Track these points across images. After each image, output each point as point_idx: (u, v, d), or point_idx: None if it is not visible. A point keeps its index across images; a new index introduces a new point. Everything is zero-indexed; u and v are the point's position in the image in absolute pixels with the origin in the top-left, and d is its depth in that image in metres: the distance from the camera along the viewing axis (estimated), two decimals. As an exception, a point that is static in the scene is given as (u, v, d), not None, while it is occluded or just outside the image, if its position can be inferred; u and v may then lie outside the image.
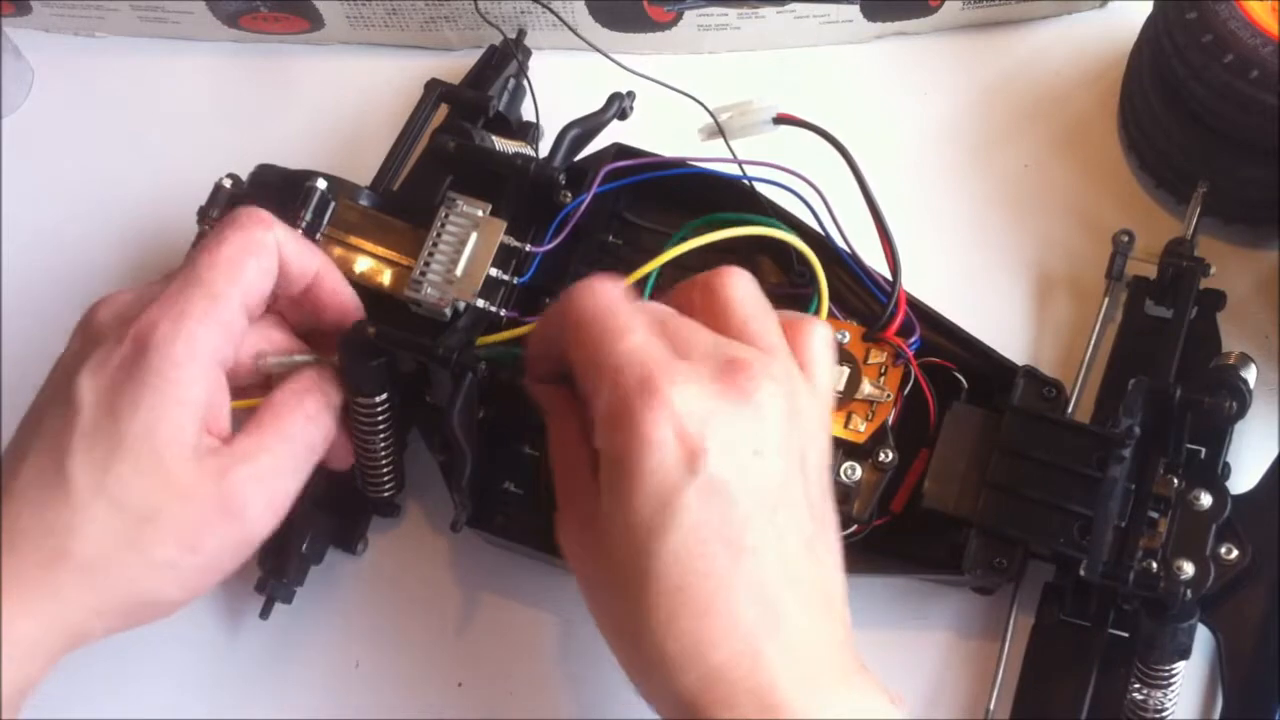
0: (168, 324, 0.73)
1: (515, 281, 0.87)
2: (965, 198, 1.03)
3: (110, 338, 0.74)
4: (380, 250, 0.87)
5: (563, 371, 0.76)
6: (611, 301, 0.72)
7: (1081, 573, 0.81)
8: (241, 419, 0.78)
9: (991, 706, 0.86)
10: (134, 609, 0.74)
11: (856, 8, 1.07)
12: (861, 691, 0.70)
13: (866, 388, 0.86)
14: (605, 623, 0.73)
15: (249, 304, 0.77)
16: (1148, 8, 0.98)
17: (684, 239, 0.84)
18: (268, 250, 0.78)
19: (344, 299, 0.83)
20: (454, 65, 1.05)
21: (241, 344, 0.78)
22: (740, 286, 0.75)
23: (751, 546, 0.68)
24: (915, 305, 0.89)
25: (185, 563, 0.74)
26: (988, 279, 0.99)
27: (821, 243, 0.89)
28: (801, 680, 0.67)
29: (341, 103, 1.10)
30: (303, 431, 0.79)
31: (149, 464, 0.72)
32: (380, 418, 0.84)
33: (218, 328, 0.75)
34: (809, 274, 0.87)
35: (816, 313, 0.87)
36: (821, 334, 0.76)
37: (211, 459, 0.74)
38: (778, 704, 0.66)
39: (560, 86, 1.02)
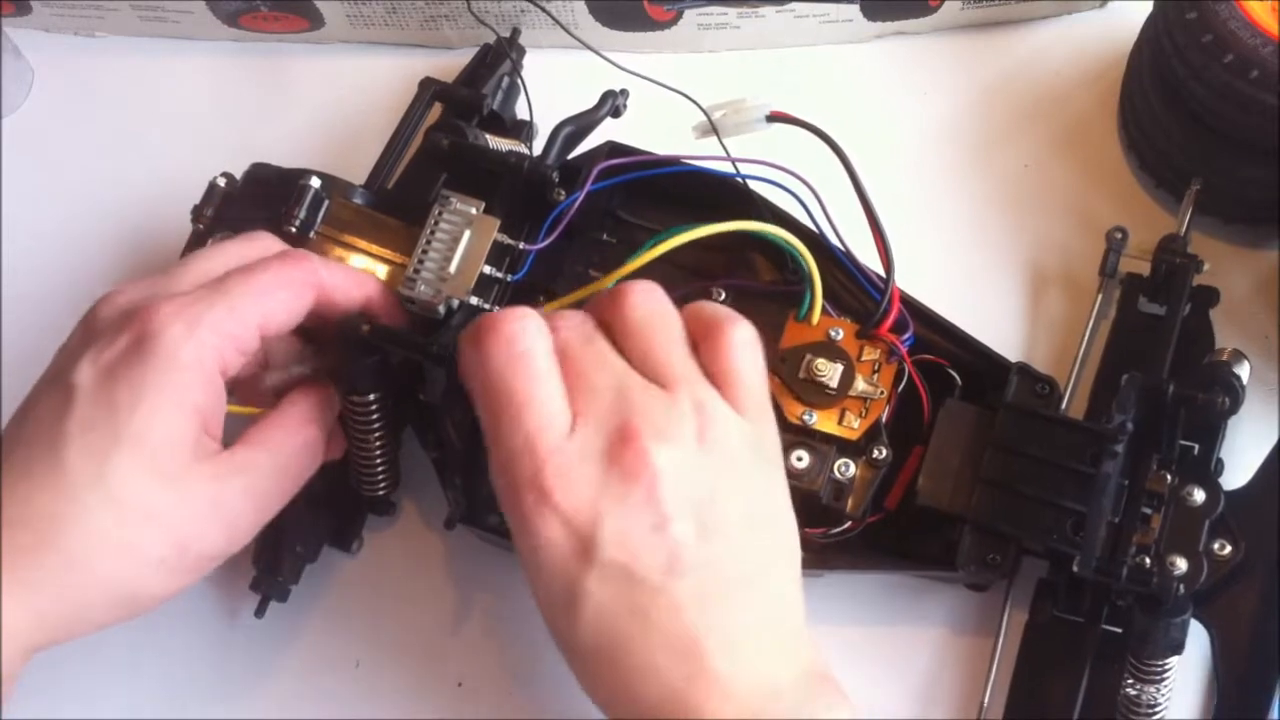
0: (181, 326, 0.73)
1: (509, 279, 0.87)
2: (964, 197, 1.03)
3: (111, 330, 0.74)
4: (374, 248, 0.87)
5: None
6: (513, 369, 0.73)
7: (1075, 568, 0.81)
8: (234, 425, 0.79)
9: (986, 703, 0.86)
10: (118, 605, 0.74)
11: (856, 7, 1.07)
12: (808, 703, 0.71)
13: (860, 385, 0.86)
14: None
15: (266, 329, 0.77)
16: (1148, 8, 0.98)
17: (660, 242, 0.84)
18: (301, 289, 0.78)
19: (395, 319, 0.84)
20: (454, 64, 1.05)
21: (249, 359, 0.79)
22: (638, 308, 0.75)
23: (662, 612, 0.69)
24: (909, 302, 0.89)
25: (174, 562, 0.74)
26: (986, 277, 1.00)
27: (815, 240, 0.89)
28: (733, 708, 0.69)
29: (341, 102, 1.11)
30: (298, 457, 0.80)
31: (149, 461, 0.72)
32: (375, 415, 0.85)
33: (229, 340, 0.75)
34: (801, 271, 0.87)
35: (810, 309, 0.87)
36: (739, 339, 0.76)
37: (209, 464, 0.74)
38: None
39: (555, 85, 1.01)
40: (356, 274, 0.83)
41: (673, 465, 0.71)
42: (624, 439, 0.70)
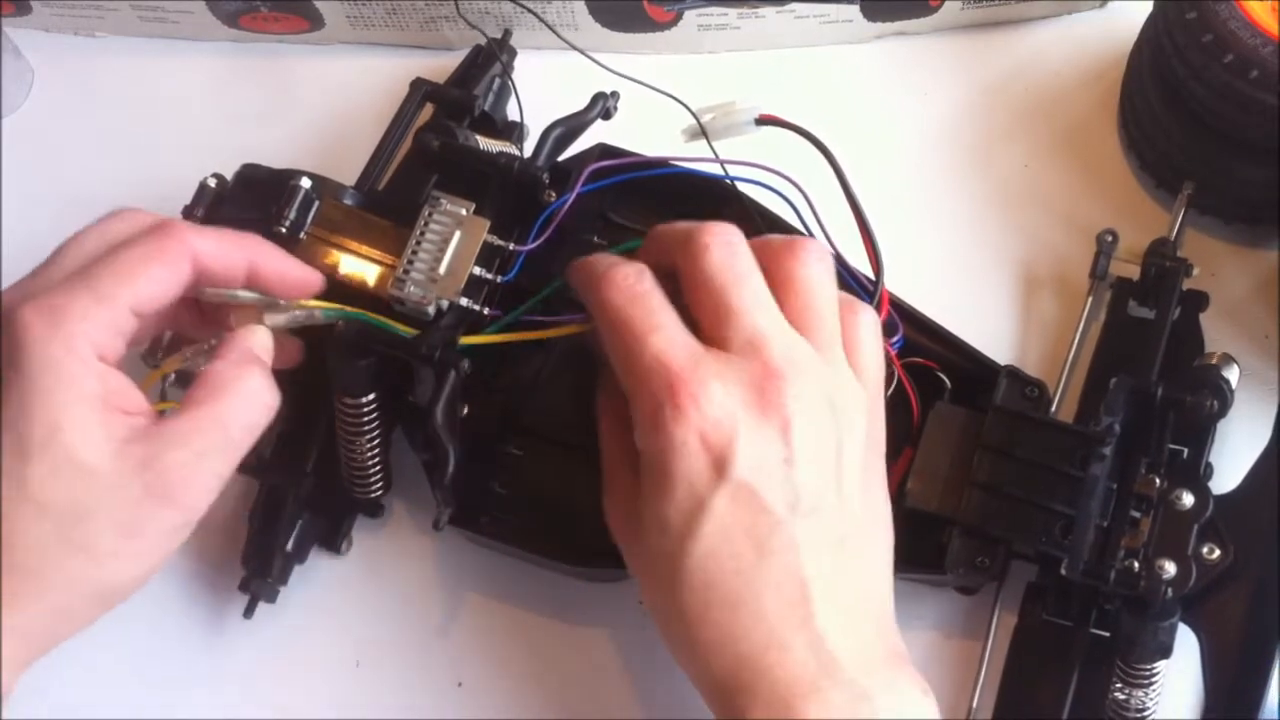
0: (44, 326, 0.71)
1: (499, 280, 0.87)
2: (964, 198, 1.03)
3: None
4: (364, 249, 0.87)
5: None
6: (635, 294, 0.74)
7: (1063, 571, 0.81)
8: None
9: (974, 706, 0.86)
10: (93, 601, 0.73)
11: (856, 8, 1.06)
12: (893, 686, 0.72)
13: (850, 387, 0.86)
14: (650, 605, 0.77)
15: (140, 308, 0.75)
16: (1148, 8, 0.98)
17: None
18: (171, 258, 0.76)
19: (292, 276, 0.82)
20: (453, 65, 1.05)
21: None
22: (813, 267, 0.77)
23: (778, 548, 0.70)
24: (898, 305, 0.89)
25: (128, 549, 0.72)
26: (981, 278, 1.00)
27: (804, 242, 0.89)
28: (828, 671, 0.69)
29: (341, 102, 1.11)
30: (241, 411, 0.76)
31: (65, 463, 0.70)
32: (368, 418, 0.85)
33: (100, 327, 0.73)
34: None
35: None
36: (869, 321, 0.79)
37: (138, 445, 0.72)
38: (803, 694, 0.69)
39: (546, 86, 1.01)
40: (236, 236, 0.80)
41: (807, 411, 0.72)
42: (767, 372, 0.72)
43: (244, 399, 0.76)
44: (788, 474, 0.71)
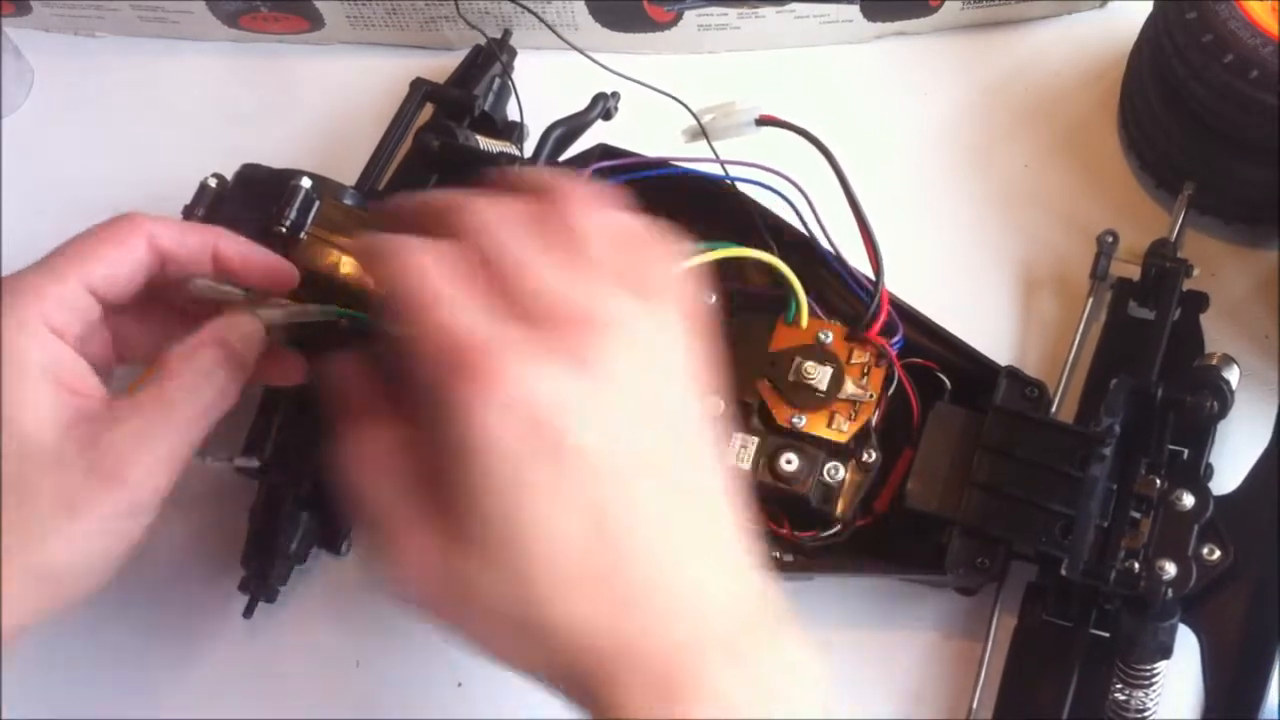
0: None
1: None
2: (964, 198, 1.03)
3: None
4: (364, 249, 0.87)
5: None
6: (426, 271, 0.66)
7: (1063, 572, 0.81)
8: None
9: (974, 706, 0.86)
10: (35, 583, 0.71)
11: (856, 8, 1.07)
12: (781, 644, 0.68)
13: (850, 388, 0.86)
14: (485, 625, 0.68)
15: (95, 286, 0.74)
16: (1148, 8, 0.98)
17: None
18: (127, 241, 0.75)
19: (257, 262, 0.80)
20: (453, 66, 1.05)
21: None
22: (587, 217, 0.69)
23: (624, 505, 0.64)
24: (898, 305, 0.89)
25: (70, 529, 0.70)
26: (982, 279, 1.00)
27: (804, 243, 0.89)
28: (709, 639, 0.65)
29: (341, 102, 1.11)
30: (190, 392, 0.74)
31: (15, 439, 0.69)
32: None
33: (54, 304, 0.72)
34: (780, 278, 0.87)
35: (795, 318, 0.87)
36: (661, 251, 0.71)
37: (85, 424, 0.71)
38: (684, 659, 0.64)
39: (546, 86, 1.01)
40: (195, 225, 0.80)
41: (619, 359, 0.65)
42: (571, 327, 0.64)
43: (194, 380, 0.74)
44: (616, 429, 0.65)
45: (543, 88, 1.02)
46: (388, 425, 0.69)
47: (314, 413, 0.86)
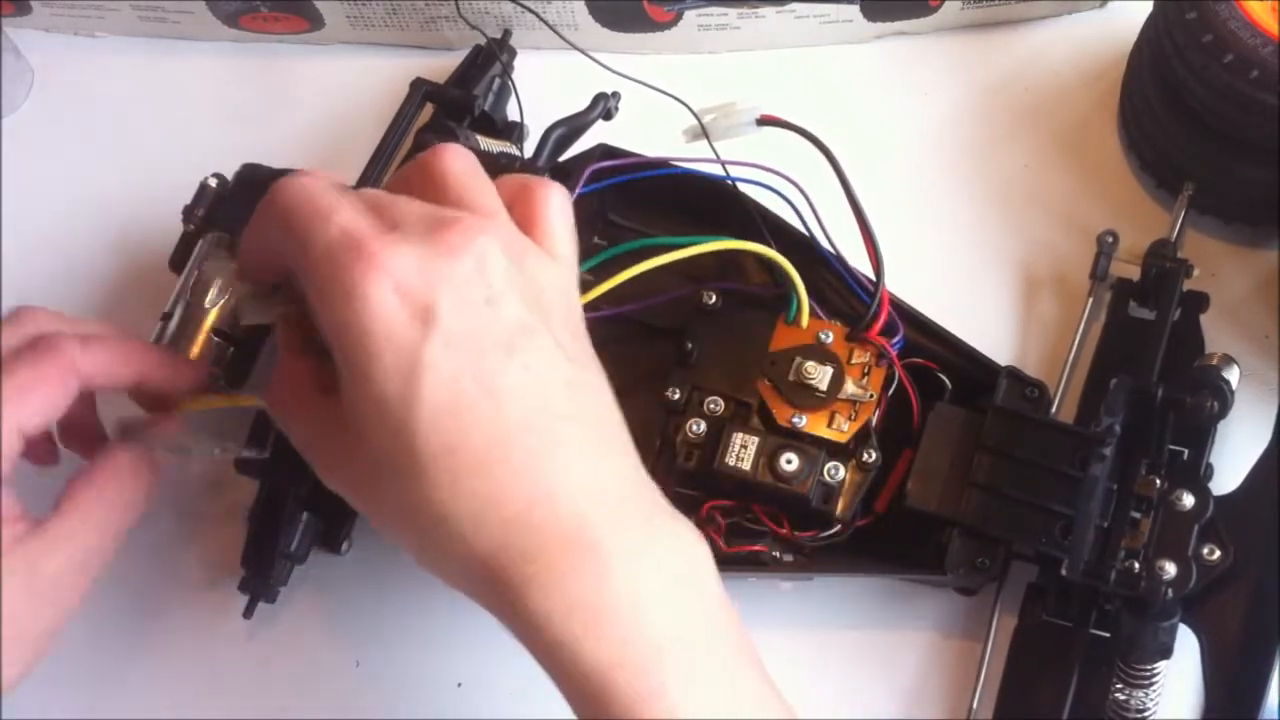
0: None
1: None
2: (964, 198, 1.03)
3: None
4: (364, 248, 0.87)
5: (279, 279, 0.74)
6: (315, 186, 0.69)
7: (1063, 572, 0.81)
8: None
9: (974, 707, 0.86)
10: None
11: (856, 8, 1.07)
12: (672, 528, 0.68)
13: (850, 388, 0.86)
14: (386, 519, 0.70)
15: (26, 428, 0.73)
16: (1148, 8, 0.98)
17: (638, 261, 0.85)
18: (58, 385, 0.74)
19: (183, 377, 0.80)
20: (453, 66, 1.05)
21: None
22: (455, 161, 0.71)
23: (509, 391, 0.65)
24: (899, 306, 0.89)
25: (13, 654, 0.71)
26: (982, 279, 1.00)
27: (804, 243, 0.89)
28: (608, 517, 0.66)
29: (341, 102, 1.11)
30: (114, 519, 0.75)
31: None
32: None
33: None
34: (782, 277, 0.87)
35: (797, 315, 0.87)
36: (556, 197, 0.72)
37: (19, 549, 0.71)
38: (589, 542, 0.65)
39: (546, 86, 1.02)
40: (123, 349, 0.77)
41: (495, 254, 0.67)
42: (445, 225, 0.66)
43: (120, 506, 0.76)
44: (495, 313, 0.66)
45: (543, 88, 1.02)
46: (300, 360, 0.73)
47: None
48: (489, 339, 0.65)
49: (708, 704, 0.65)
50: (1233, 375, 0.86)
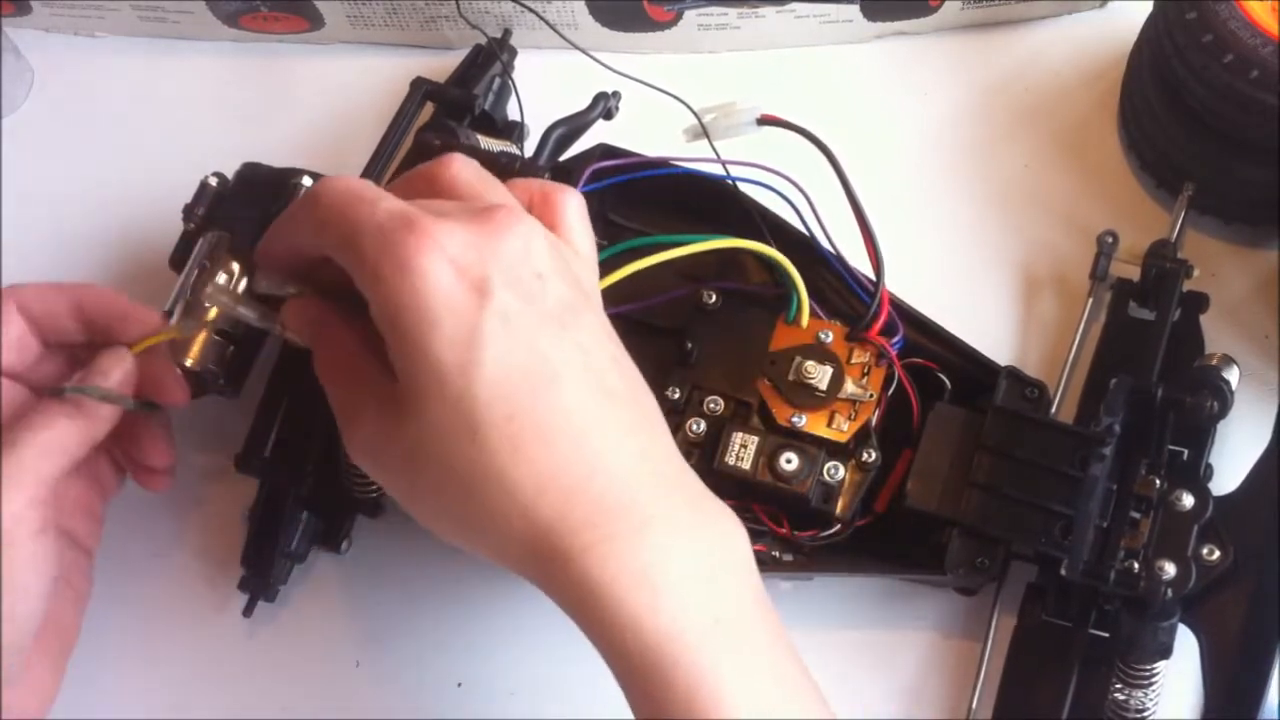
0: None
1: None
2: (964, 198, 1.03)
3: None
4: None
5: (305, 274, 0.76)
6: (358, 182, 0.71)
7: (1063, 572, 0.81)
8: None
9: (974, 706, 0.86)
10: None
11: (856, 8, 1.06)
12: (719, 513, 0.70)
13: (849, 388, 0.86)
14: (426, 493, 0.70)
15: None
16: (1148, 8, 0.98)
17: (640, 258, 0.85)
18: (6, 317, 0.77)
19: (120, 311, 0.80)
20: (453, 65, 1.05)
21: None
22: (464, 168, 0.74)
23: (566, 363, 0.67)
24: (898, 306, 0.89)
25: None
26: (982, 278, 1.00)
27: (805, 243, 0.89)
28: (662, 495, 0.68)
29: (341, 102, 1.11)
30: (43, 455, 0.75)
31: None
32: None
33: None
34: (783, 277, 0.87)
35: (797, 315, 0.87)
36: (574, 201, 0.75)
37: None
38: (646, 518, 0.66)
39: (546, 86, 1.01)
40: (51, 286, 0.80)
41: (537, 237, 0.69)
42: (487, 212, 0.68)
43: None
44: (545, 289, 0.68)
45: (543, 87, 1.02)
46: (343, 330, 0.73)
47: (314, 412, 0.86)
48: (543, 313, 0.67)
49: (758, 683, 0.66)
50: (1233, 375, 0.86)
